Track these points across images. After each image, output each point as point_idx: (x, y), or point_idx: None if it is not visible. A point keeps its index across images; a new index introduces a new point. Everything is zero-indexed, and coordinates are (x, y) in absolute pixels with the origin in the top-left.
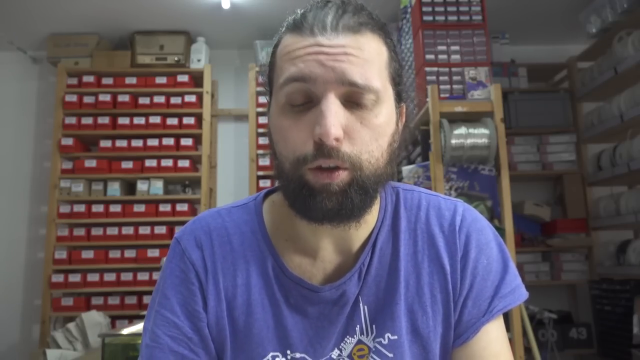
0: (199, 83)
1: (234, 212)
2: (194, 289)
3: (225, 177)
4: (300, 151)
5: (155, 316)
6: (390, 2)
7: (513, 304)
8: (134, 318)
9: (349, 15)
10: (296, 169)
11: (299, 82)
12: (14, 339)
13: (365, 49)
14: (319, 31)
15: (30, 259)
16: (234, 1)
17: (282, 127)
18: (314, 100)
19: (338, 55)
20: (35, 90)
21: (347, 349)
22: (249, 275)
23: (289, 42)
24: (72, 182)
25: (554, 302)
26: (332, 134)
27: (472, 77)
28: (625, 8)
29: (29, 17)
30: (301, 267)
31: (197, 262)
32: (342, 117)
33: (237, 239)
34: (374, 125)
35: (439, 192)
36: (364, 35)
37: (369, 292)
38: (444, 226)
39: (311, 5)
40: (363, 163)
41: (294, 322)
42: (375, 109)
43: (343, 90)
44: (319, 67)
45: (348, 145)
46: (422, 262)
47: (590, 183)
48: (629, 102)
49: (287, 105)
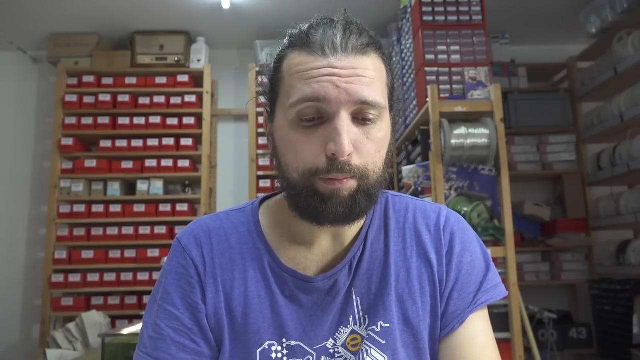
0: (199, 83)
1: (232, 215)
2: (193, 282)
3: (225, 177)
4: (312, 164)
5: (158, 310)
6: (390, 2)
7: (495, 298)
8: (134, 318)
9: (356, 37)
10: (307, 179)
11: (313, 102)
12: (14, 339)
13: (371, 69)
14: (330, 52)
15: (30, 259)
16: (234, 1)
17: (292, 140)
18: (324, 117)
19: (350, 77)
20: (35, 90)
21: (341, 339)
22: (245, 269)
23: (300, 61)
24: (72, 182)
25: (554, 302)
26: (347, 151)
27: (472, 77)
28: (625, 8)
29: (29, 17)
30: (295, 259)
31: (196, 258)
32: (352, 133)
33: (235, 238)
34: (377, 139)
35: (439, 192)
36: (370, 55)
37: (361, 284)
38: (430, 226)
39: (317, 22)
40: (369, 173)
41: (289, 312)
42: (379, 124)
43: (353, 108)
44: (334, 89)
45: (357, 158)
46: (410, 257)
47: (590, 183)
48: (629, 102)
49: (297, 119)
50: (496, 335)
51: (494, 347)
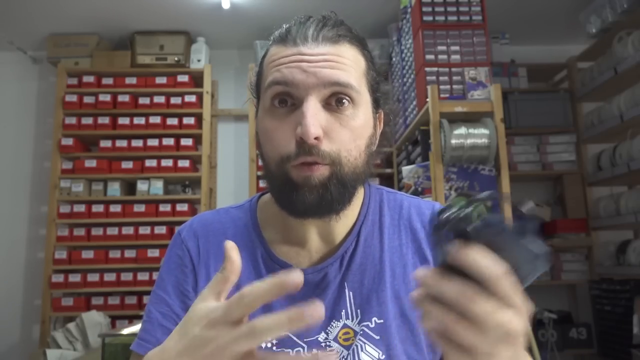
0: (199, 83)
1: (231, 211)
2: (186, 271)
3: (225, 177)
4: (284, 150)
5: (152, 295)
6: (390, 2)
7: None
8: (134, 318)
9: (328, 28)
10: (280, 167)
11: (281, 86)
12: (14, 339)
13: (344, 56)
14: (301, 42)
15: (30, 259)
16: (234, 1)
17: (267, 128)
18: (296, 103)
19: (319, 62)
20: (35, 90)
21: (333, 333)
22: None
23: (274, 52)
24: (72, 182)
25: (554, 302)
26: (312, 133)
27: (472, 77)
28: (625, 8)
29: (29, 17)
30: (289, 254)
31: (192, 249)
32: (322, 118)
33: (231, 231)
34: (352, 127)
35: (439, 192)
36: (343, 45)
37: (354, 278)
38: (425, 222)
39: (295, 20)
40: (342, 160)
41: (280, 304)
42: (353, 112)
43: (323, 93)
44: (301, 73)
45: (327, 144)
46: (406, 254)
47: (590, 183)
48: (629, 102)
49: (271, 107)
50: None
51: None
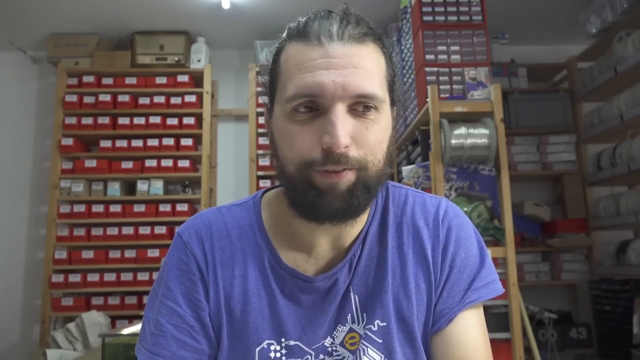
0: (199, 83)
1: (233, 209)
2: (195, 279)
3: (225, 177)
4: (307, 155)
5: (160, 306)
6: (390, 2)
7: (486, 297)
8: (134, 318)
9: (353, 26)
10: (303, 171)
11: (308, 98)
12: (14, 339)
13: (369, 59)
14: (326, 40)
15: (30, 259)
16: (234, 1)
17: (287, 132)
18: (320, 109)
19: (346, 68)
20: (35, 90)
21: (339, 337)
22: (246, 267)
23: (296, 52)
24: (72, 182)
25: (554, 302)
26: (342, 143)
27: (472, 77)
28: (625, 8)
29: (29, 17)
30: (295, 262)
31: (198, 255)
32: (349, 124)
33: (236, 233)
34: (377, 130)
35: (439, 192)
36: (367, 45)
37: (359, 282)
38: (429, 220)
39: (314, 14)
40: (368, 164)
41: (289, 311)
42: (377, 115)
43: (350, 100)
44: (329, 84)
45: (355, 150)
46: (407, 253)
47: (590, 183)
48: (629, 102)
49: (293, 112)
50: (496, 335)
51: (485, 341)
